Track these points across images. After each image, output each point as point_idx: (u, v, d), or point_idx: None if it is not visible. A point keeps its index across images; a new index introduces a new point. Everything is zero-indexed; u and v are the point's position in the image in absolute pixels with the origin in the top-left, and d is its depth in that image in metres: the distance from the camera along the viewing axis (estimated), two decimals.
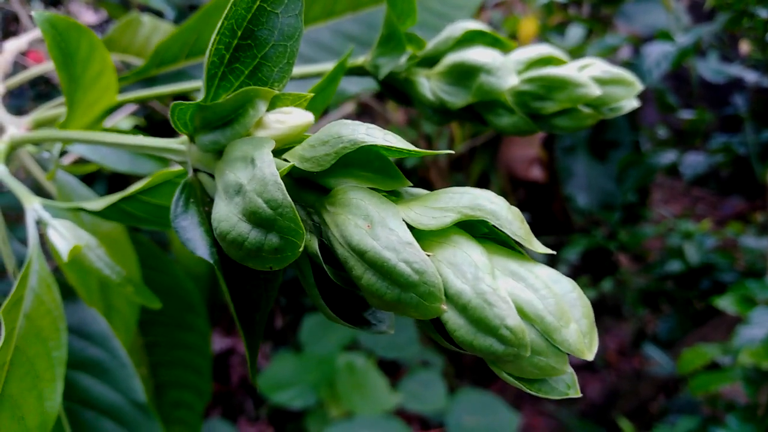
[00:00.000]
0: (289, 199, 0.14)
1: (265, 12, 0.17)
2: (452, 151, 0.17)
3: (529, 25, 1.51)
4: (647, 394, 1.74)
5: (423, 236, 0.15)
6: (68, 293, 0.26)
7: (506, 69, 0.24)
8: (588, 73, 0.25)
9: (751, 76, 1.69)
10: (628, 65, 1.37)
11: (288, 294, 1.94)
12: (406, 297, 0.13)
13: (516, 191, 2.33)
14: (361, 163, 0.16)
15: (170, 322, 0.35)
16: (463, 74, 0.25)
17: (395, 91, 0.27)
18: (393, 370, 1.65)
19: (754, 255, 1.66)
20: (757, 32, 1.72)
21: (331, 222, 0.15)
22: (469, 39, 0.26)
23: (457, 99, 0.25)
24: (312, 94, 0.19)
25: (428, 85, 0.26)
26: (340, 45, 0.32)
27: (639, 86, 0.25)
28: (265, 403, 1.72)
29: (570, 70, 0.24)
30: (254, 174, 0.15)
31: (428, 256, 0.14)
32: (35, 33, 0.47)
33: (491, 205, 0.15)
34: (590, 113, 0.25)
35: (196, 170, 0.19)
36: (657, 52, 1.26)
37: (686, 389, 1.61)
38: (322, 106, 0.25)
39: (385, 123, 1.86)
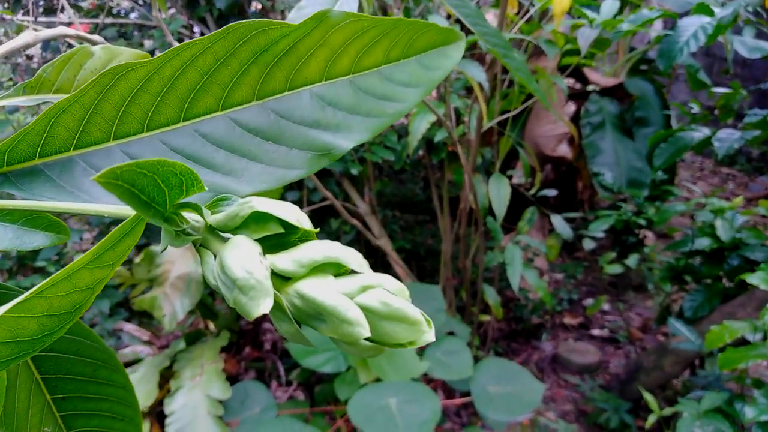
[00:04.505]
0: None
1: None
2: None
3: None
4: (671, 370, 1.75)
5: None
6: None
7: (261, 290, 0.20)
8: (363, 300, 0.21)
9: None
10: (663, 39, 1.35)
11: None
12: None
13: (543, 167, 2.32)
14: None
15: (80, 379, 0.34)
16: (229, 277, 0.21)
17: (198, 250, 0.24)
18: None
19: None
20: None
21: None
22: (255, 222, 0.23)
23: (229, 296, 0.21)
24: None
25: (211, 265, 0.23)
26: (239, 139, 0.28)
27: (425, 329, 0.21)
28: (296, 369, 1.76)
29: (339, 296, 0.21)
30: None
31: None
32: (22, 39, 0.43)
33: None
34: (372, 346, 0.21)
35: None
36: (695, 25, 1.24)
37: (711, 366, 1.61)
38: (118, 262, 0.22)
39: None
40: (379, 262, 2.03)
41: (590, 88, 2.37)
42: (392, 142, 1.88)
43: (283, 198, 1.93)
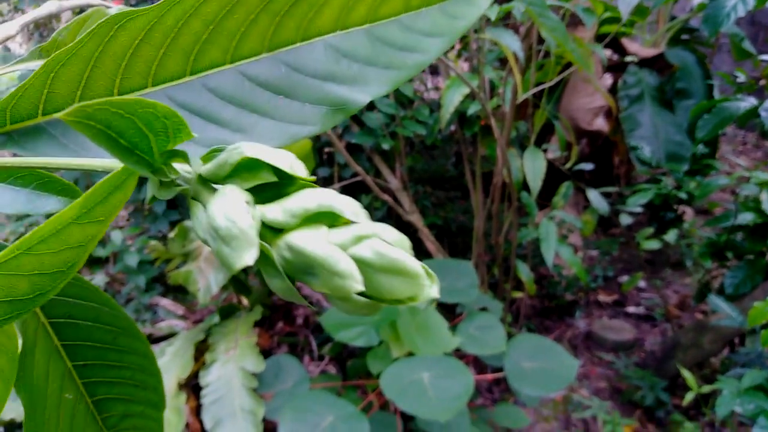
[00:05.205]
0: None
1: None
2: None
3: None
4: (710, 348, 1.71)
5: None
6: None
7: (244, 240, 0.19)
8: (357, 251, 0.19)
9: None
10: (709, 3, 1.29)
11: None
12: None
13: (579, 141, 2.27)
14: None
15: (101, 346, 0.33)
16: (212, 228, 0.20)
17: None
18: (452, 316, 1.67)
19: None
20: None
21: None
22: (245, 169, 0.21)
23: (214, 247, 0.20)
24: None
25: (201, 217, 0.21)
26: (248, 93, 0.26)
27: (425, 282, 0.19)
28: (328, 343, 1.78)
29: (330, 247, 0.19)
30: None
31: None
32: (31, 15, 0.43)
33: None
34: (367, 303, 0.19)
35: None
36: None
37: (752, 343, 1.57)
38: (110, 217, 0.20)
39: (447, 72, 1.83)
40: (410, 238, 2.03)
41: (628, 59, 2.29)
42: (424, 116, 1.86)
43: (314, 173, 1.93)
